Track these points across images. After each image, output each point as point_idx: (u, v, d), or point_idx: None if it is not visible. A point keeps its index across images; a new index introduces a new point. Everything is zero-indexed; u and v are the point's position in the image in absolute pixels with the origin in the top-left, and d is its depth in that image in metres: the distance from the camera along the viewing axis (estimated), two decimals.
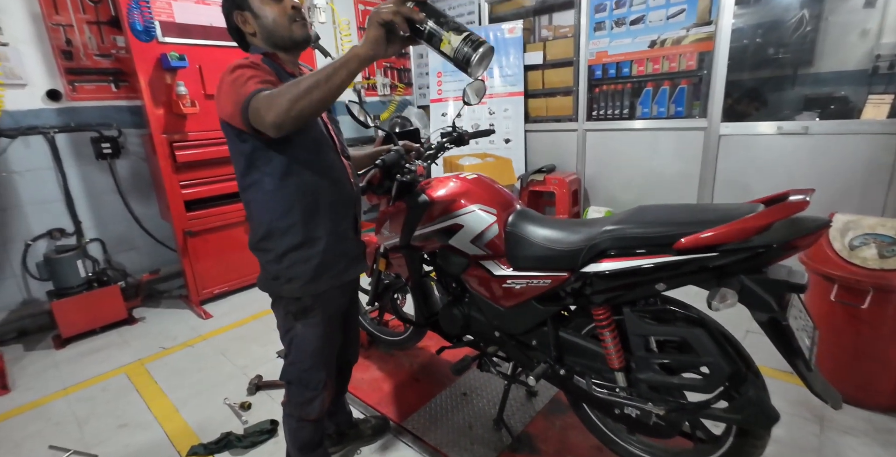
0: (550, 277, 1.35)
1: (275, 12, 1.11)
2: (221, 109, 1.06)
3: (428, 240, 1.66)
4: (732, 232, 0.98)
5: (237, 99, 0.96)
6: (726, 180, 2.90)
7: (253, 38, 1.16)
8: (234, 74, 1.01)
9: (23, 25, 2.49)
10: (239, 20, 1.13)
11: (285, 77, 1.13)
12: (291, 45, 1.16)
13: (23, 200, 2.63)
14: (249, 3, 1.12)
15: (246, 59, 1.07)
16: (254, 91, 0.95)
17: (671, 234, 1.07)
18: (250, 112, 0.95)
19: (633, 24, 3.04)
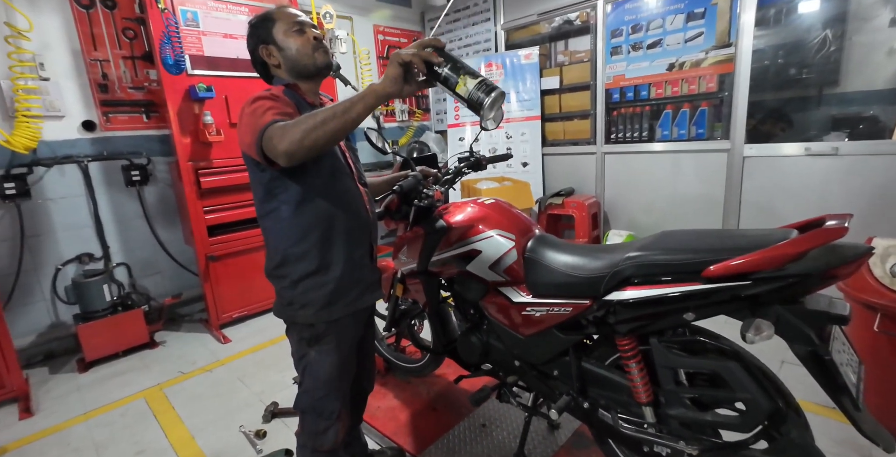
0: (571, 304, 1.30)
1: (298, 43, 1.17)
2: (241, 140, 1.09)
3: (445, 265, 1.64)
4: (766, 259, 0.93)
5: (254, 129, 1.00)
6: (753, 203, 2.82)
7: (277, 70, 1.20)
8: (254, 106, 1.04)
9: (64, 61, 2.64)
10: (264, 53, 1.18)
11: (306, 107, 1.16)
12: (315, 72, 1.20)
13: (56, 226, 2.73)
14: (274, 37, 1.17)
15: (267, 91, 1.10)
16: (270, 121, 0.98)
17: (699, 260, 1.03)
18: (264, 141, 0.98)
19: (650, 48, 3.05)
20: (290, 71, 1.18)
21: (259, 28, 1.18)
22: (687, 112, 3.00)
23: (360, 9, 3.98)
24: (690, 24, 2.86)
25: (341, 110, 0.92)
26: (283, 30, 1.17)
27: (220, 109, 2.77)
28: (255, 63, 1.23)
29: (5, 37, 2.33)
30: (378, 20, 4.15)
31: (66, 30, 2.63)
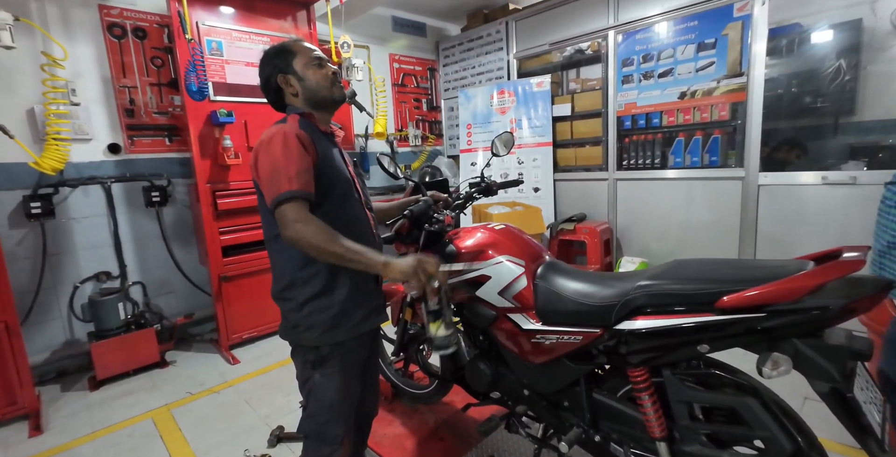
0: (582, 333, 1.28)
1: (318, 76, 1.24)
2: (257, 174, 1.14)
3: (455, 291, 1.63)
4: (782, 291, 0.92)
5: (272, 189, 1.07)
6: (768, 232, 2.77)
7: (293, 99, 1.26)
8: (275, 148, 1.09)
9: (95, 87, 2.78)
10: (281, 82, 1.23)
11: (319, 136, 1.22)
12: (331, 105, 1.28)
13: (76, 245, 2.80)
14: (293, 68, 1.23)
15: (285, 123, 1.17)
16: (290, 193, 1.06)
17: (713, 291, 1.01)
18: (277, 212, 1.07)
19: (661, 77, 3.09)
20: (308, 101, 1.24)
21: (278, 58, 1.23)
22: (700, 139, 3.01)
23: (377, 38, 4.13)
24: (701, 53, 2.90)
25: (349, 258, 1.06)
26: (304, 63, 1.23)
27: (240, 134, 2.86)
28: (268, 90, 1.27)
29: (41, 65, 2.46)
30: (394, 49, 4.30)
31: (98, 58, 2.77)
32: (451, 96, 4.50)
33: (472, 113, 4.01)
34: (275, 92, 1.26)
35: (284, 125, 1.15)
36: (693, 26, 2.92)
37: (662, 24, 3.03)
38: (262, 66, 1.26)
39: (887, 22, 2.70)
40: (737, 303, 0.96)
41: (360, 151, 4.07)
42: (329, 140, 1.28)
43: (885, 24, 2.70)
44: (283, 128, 1.13)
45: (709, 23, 2.85)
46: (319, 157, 1.17)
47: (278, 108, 1.30)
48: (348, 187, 1.26)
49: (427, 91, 4.61)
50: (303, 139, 1.13)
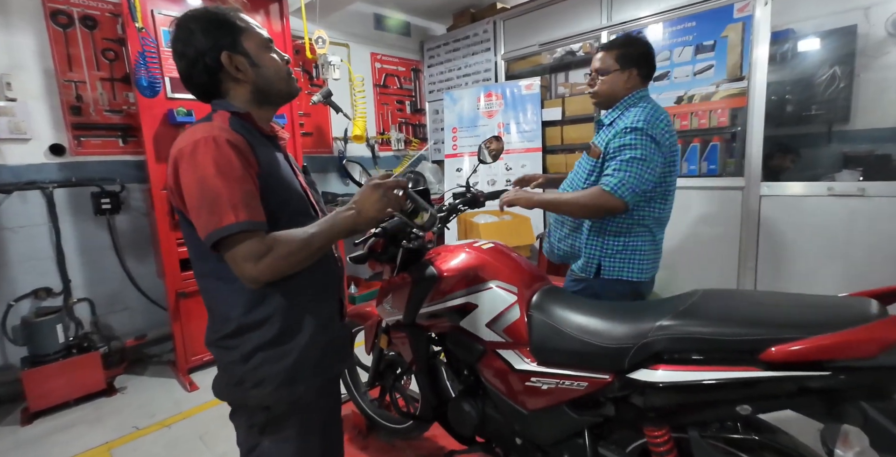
0: (587, 379, 1.07)
1: (275, 63, 0.99)
2: (178, 196, 0.89)
3: (436, 319, 1.41)
4: (851, 344, 0.71)
5: (209, 220, 0.83)
6: (771, 245, 2.61)
7: (236, 88, 0.97)
8: (206, 161, 0.83)
9: (34, 81, 2.48)
10: (227, 62, 0.93)
11: (259, 141, 0.95)
12: (286, 99, 1.04)
13: (12, 258, 2.48)
14: (244, 47, 0.95)
15: (210, 121, 0.89)
16: (237, 227, 0.82)
17: (756, 338, 0.81)
18: (222, 248, 0.84)
19: (657, 81, 2.92)
20: (257, 93, 0.98)
21: (221, 31, 0.93)
22: (697, 147, 2.84)
23: (357, 36, 3.89)
24: (699, 56, 2.74)
25: (327, 244, 0.90)
26: (257, 43, 0.97)
27: None
28: (197, 72, 0.94)
29: None
30: (376, 48, 4.07)
31: (39, 49, 2.48)
32: (436, 98, 4.29)
33: (458, 116, 3.80)
34: (208, 75, 0.94)
35: (210, 126, 0.87)
36: (691, 27, 2.76)
37: (658, 25, 2.87)
38: (188, 37, 0.92)
39: (882, 29, 2.59)
40: (790, 356, 0.75)
41: (338, 155, 3.81)
42: (272, 144, 1.02)
43: (879, 30, 2.60)
44: (209, 131, 0.85)
45: (707, 24, 2.70)
46: (263, 169, 0.91)
47: (205, 98, 1.00)
48: (303, 204, 1.01)
49: (411, 92, 4.39)
50: (239, 147, 0.86)
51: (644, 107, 1.50)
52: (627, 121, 1.45)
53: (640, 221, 1.54)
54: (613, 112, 1.59)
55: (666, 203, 1.55)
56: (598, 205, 1.44)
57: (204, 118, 0.94)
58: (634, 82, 1.56)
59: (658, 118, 1.45)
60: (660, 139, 1.42)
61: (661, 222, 1.59)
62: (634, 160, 1.40)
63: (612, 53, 1.56)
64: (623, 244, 1.55)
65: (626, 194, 1.40)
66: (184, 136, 0.88)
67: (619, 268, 1.55)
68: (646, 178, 1.41)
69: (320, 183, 3.75)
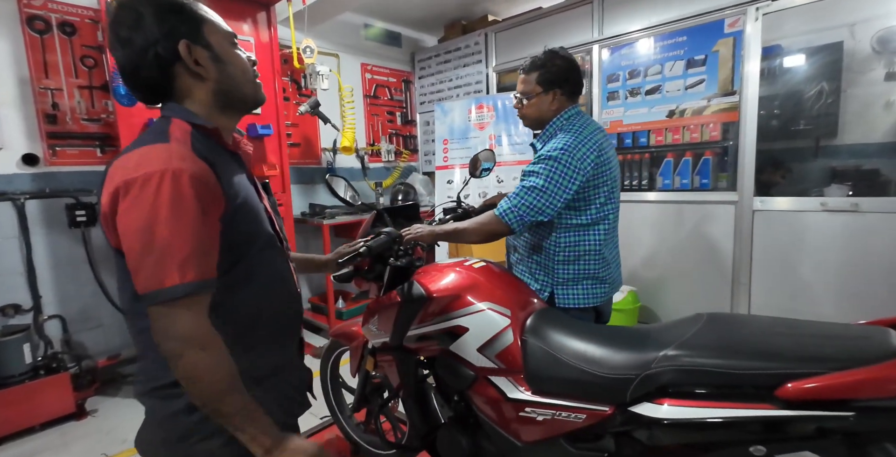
0: (586, 411, 0.99)
1: (242, 62, 0.84)
2: (117, 235, 0.72)
3: (424, 342, 1.33)
4: (877, 382, 0.65)
5: (150, 274, 0.68)
6: (766, 260, 2.58)
7: (194, 87, 0.80)
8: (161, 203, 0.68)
9: (7, 88, 2.38)
10: (185, 54, 0.77)
11: (225, 162, 0.82)
12: (252, 107, 0.90)
13: None
14: (207, 38, 0.79)
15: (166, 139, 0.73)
16: (181, 289, 0.68)
17: (771, 372, 0.74)
18: (155, 313, 0.69)
19: (648, 94, 2.91)
20: (220, 95, 0.82)
21: (178, 16, 0.77)
22: (689, 161, 2.82)
23: (347, 46, 3.85)
24: (691, 70, 2.74)
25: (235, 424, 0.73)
26: (222, 36, 0.82)
27: None
28: (146, 65, 0.76)
29: None
30: (366, 59, 4.03)
31: (14, 55, 2.38)
32: (427, 110, 4.25)
33: (449, 128, 3.75)
34: (160, 69, 0.77)
35: (169, 154, 0.70)
36: (681, 42, 2.76)
37: (649, 39, 2.87)
38: (136, 21, 0.75)
39: (867, 45, 2.62)
40: (809, 394, 0.69)
41: (327, 166, 3.74)
42: (237, 163, 0.88)
43: (864, 47, 2.62)
44: (168, 162, 0.69)
45: (698, 38, 2.70)
46: (231, 203, 0.78)
47: (152, 99, 0.83)
48: (270, 236, 0.89)
49: (402, 104, 4.35)
50: (204, 184, 0.72)
51: (570, 131, 1.44)
52: (549, 147, 1.41)
53: (585, 247, 1.49)
54: (544, 135, 1.56)
55: (607, 223, 1.50)
56: (487, 230, 1.43)
57: (156, 129, 0.77)
58: (560, 103, 1.51)
59: (583, 142, 1.40)
60: (578, 167, 1.36)
61: (610, 241, 1.54)
62: (534, 189, 1.37)
63: (532, 76, 1.51)
64: (574, 272, 1.50)
65: (513, 221, 1.38)
66: (133, 159, 0.71)
67: (574, 295, 1.49)
68: (540, 207, 1.37)
69: (308, 194, 3.67)
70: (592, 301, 1.48)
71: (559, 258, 1.48)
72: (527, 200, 1.36)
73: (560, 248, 1.46)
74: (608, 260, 1.51)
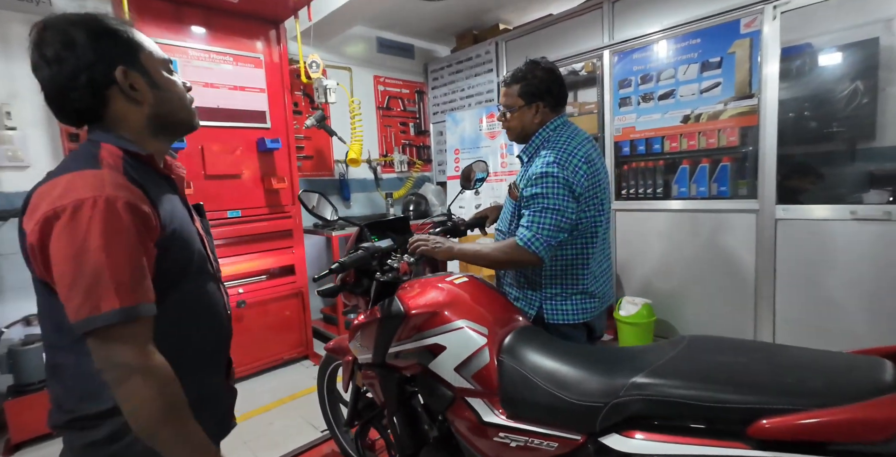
0: (558, 439, 0.93)
1: (178, 89, 0.85)
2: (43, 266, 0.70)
3: (405, 360, 1.29)
4: (858, 424, 0.57)
5: (83, 301, 0.66)
6: (790, 272, 2.42)
7: (127, 112, 0.79)
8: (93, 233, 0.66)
9: (34, 110, 2.52)
10: (121, 79, 0.77)
11: (158, 186, 0.82)
12: (187, 132, 0.91)
13: (6, 285, 2.49)
14: (143, 64, 0.79)
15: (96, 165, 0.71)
16: (120, 314, 0.66)
17: (744, 406, 0.67)
18: (93, 342, 0.67)
19: (661, 99, 2.81)
20: (154, 120, 0.82)
21: (114, 41, 0.77)
22: (706, 167, 2.69)
23: (359, 60, 3.91)
24: (706, 73, 2.63)
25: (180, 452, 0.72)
26: (158, 63, 0.82)
27: (195, 161, 2.58)
28: (75, 85, 0.74)
29: None
30: (379, 71, 4.08)
31: None
32: (440, 120, 4.25)
33: (461, 137, 3.74)
34: (92, 94, 0.76)
35: (101, 181, 0.69)
36: (695, 44, 2.65)
37: (661, 43, 2.78)
38: (67, 44, 0.73)
39: None
40: (781, 434, 0.62)
41: (339, 177, 3.79)
42: (170, 186, 0.87)
43: None
44: (100, 189, 0.68)
45: (713, 40, 2.59)
46: (166, 229, 0.77)
47: (76, 122, 0.81)
48: (202, 260, 0.88)
49: (415, 114, 4.37)
50: (139, 210, 0.71)
51: (557, 143, 1.39)
52: (539, 164, 1.35)
53: (572, 261, 1.43)
54: (529, 148, 1.50)
55: (596, 238, 1.44)
56: (512, 260, 1.36)
57: (84, 155, 0.75)
58: (544, 115, 1.46)
59: (571, 154, 1.35)
60: (573, 179, 1.32)
61: (599, 254, 1.47)
62: (546, 211, 1.31)
63: (514, 88, 1.46)
64: (561, 287, 1.43)
65: (541, 248, 1.31)
66: (61, 185, 0.68)
67: (563, 311, 1.43)
68: (559, 225, 1.31)
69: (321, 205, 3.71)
70: (582, 317, 1.42)
71: (546, 273, 1.43)
72: (545, 223, 1.31)
73: (547, 262, 1.41)
74: (596, 274, 1.45)
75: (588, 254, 1.42)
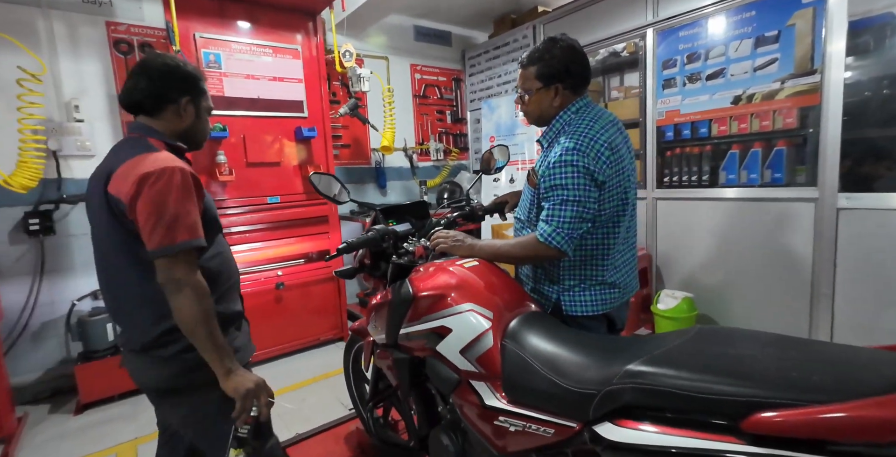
0: (554, 425, 0.91)
1: (208, 126, 1.24)
2: (134, 209, 0.98)
3: (416, 342, 1.31)
4: (861, 422, 0.52)
5: (165, 234, 0.97)
6: (853, 268, 2.20)
7: (172, 125, 1.14)
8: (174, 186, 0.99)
9: (99, 104, 2.75)
10: (183, 106, 1.13)
11: None
12: (194, 148, 1.23)
13: (77, 262, 2.76)
14: (200, 103, 1.18)
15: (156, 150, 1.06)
16: (186, 244, 0.99)
17: (737, 398, 0.62)
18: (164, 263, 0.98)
19: (710, 79, 2.61)
20: (184, 134, 1.17)
21: (193, 84, 1.16)
22: (759, 152, 2.49)
23: (396, 49, 3.93)
24: (760, 49, 2.41)
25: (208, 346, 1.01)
26: (206, 106, 1.21)
27: (237, 149, 2.73)
28: (157, 96, 1.11)
29: (17, 79, 2.36)
30: (415, 59, 4.08)
31: (104, 75, 2.75)
32: (476, 108, 4.20)
33: (496, 124, 3.68)
34: (161, 104, 1.12)
35: (171, 158, 1.04)
36: (749, 18, 2.43)
37: (711, 18, 2.57)
38: (167, 74, 1.12)
39: None
40: (774, 429, 0.57)
41: (375, 166, 3.85)
42: None
43: None
44: (173, 161, 1.02)
45: (769, 12, 2.36)
46: (205, 197, 1.12)
47: (135, 110, 1.14)
48: (219, 224, 1.23)
49: (452, 102, 4.35)
50: (195, 179, 1.07)
51: (577, 128, 1.30)
52: (558, 151, 1.27)
53: (592, 251, 1.35)
54: (549, 132, 1.42)
55: (619, 227, 1.35)
56: (534, 256, 1.31)
57: (142, 145, 1.06)
58: (564, 98, 1.36)
59: (593, 140, 1.25)
60: (594, 167, 1.23)
61: (622, 244, 1.39)
62: (566, 203, 1.24)
63: (531, 70, 1.37)
64: (580, 277, 1.36)
65: (563, 243, 1.24)
66: (147, 159, 1.01)
67: (581, 302, 1.36)
68: (581, 216, 1.24)
69: (357, 193, 3.81)
70: (602, 308, 1.35)
71: (565, 264, 1.37)
72: (565, 216, 1.24)
73: (570, 254, 1.35)
74: (617, 264, 1.37)
75: (609, 244, 1.35)
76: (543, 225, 1.27)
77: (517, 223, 1.55)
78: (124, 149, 1.07)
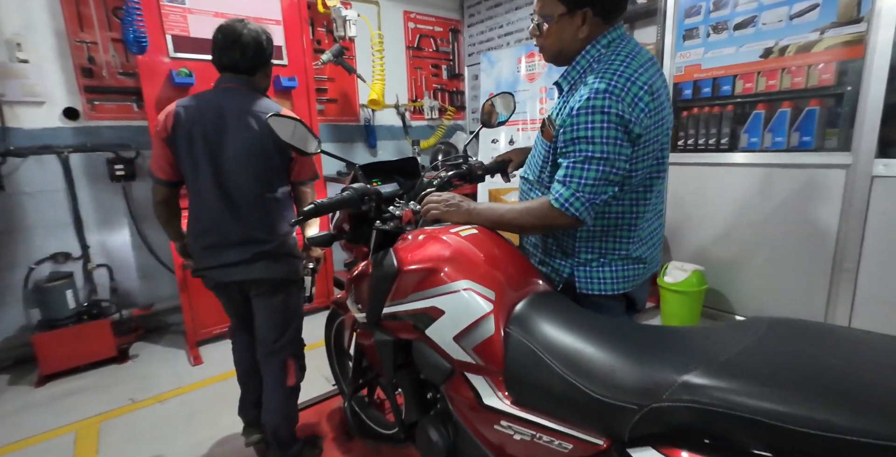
0: (573, 439, 0.73)
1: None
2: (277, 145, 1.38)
3: (400, 322, 1.11)
4: None
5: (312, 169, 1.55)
6: (883, 241, 2.02)
7: (264, 81, 1.51)
8: None
9: (46, 42, 2.41)
10: (267, 69, 1.50)
11: None
12: None
13: (31, 223, 2.50)
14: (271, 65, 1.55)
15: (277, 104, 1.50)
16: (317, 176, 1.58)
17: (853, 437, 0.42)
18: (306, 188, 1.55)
19: (737, 29, 2.32)
20: (266, 88, 1.53)
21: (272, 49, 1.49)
22: (787, 113, 2.24)
23: None
24: None
25: None
26: None
27: None
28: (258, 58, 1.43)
29: None
30: (409, 6, 3.68)
31: (50, 8, 2.40)
32: (475, 62, 3.86)
33: (496, 80, 3.37)
34: (259, 66, 1.45)
35: None
36: None
37: None
38: (266, 44, 1.44)
39: None
40: None
41: (365, 124, 3.55)
42: None
43: None
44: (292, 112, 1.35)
45: None
46: None
47: (245, 72, 1.44)
48: None
49: (448, 56, 3.99)
50: None
51: (609, 66, 1.02)
52: (585, 93, 1.00)
53: (616, 221, 1.12)
54: (572, 72, 1.13)
55: (651, 193, 1.11)
56: (545, 225, 1.06)
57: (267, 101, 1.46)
58: (593, 27, 1.06)
59: (630, 80, 0.98)
60: (630, 116, 0.97)
61: (650, 213, 1.15)
62: (592, 161, 0.98)
63: None
64: (599, 251, 1.14)
65: (581, 210, 1.00)
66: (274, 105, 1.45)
67: (599, 279, 1.14)
68: (610, 180, 1.00)
69: (345, 153, 3.53)
70: (623, 286, 1.14)
71: (582, 234, 1.14)
72: (588, 177, 0.99)
73: (590, 223, 1.09)
74: (643, 237, 1.15)
75: (638, 212, 1.11)
76: (559, 187, 1.02)
77: (524, 184, 1.30)
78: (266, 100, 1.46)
